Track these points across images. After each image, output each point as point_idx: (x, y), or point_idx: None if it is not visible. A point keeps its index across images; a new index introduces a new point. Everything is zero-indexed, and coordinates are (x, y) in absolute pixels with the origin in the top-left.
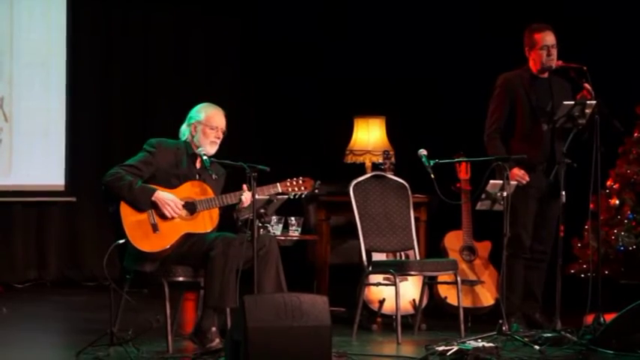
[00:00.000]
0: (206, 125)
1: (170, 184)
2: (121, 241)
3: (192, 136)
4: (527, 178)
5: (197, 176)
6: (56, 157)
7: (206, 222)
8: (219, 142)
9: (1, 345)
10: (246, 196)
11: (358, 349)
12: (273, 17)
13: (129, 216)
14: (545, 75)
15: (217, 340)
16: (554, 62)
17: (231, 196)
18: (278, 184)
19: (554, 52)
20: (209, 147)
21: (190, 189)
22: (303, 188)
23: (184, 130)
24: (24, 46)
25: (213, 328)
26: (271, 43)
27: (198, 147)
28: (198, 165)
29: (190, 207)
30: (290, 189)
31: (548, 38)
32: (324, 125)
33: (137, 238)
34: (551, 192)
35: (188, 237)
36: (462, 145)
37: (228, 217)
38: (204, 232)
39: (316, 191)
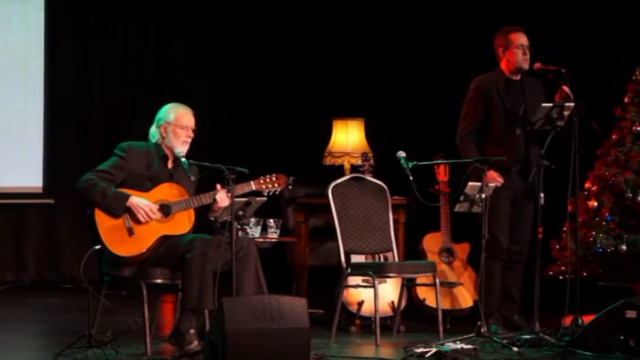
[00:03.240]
0: (176, 125)
1: (143, 187)
2: (98, 247)
3: (163, 138)
4: (501, 180)
5: (170, 177)
6: (34, 159)
7: (184, 222)
8: (190, 141)
9: None
10: (221, 196)
11: (337, 351)
12: (252, 19)
13: (104, 221)
14: (518, 77)
15: (196, 343)
16: (528, 63)
17: (206, 196)
18: (252, 182)
19: (529, 53)
20: (181, 147)
21: (164, 191)
22: (276, 185)
23: (154, 132)
24: (2, 49)
25: (192, 330)
26: (249, 46)
27: (170, 148)
28: (170, 166)
29: (165, 209)
30: (264, 186)
31: (523, 38)
32: (303, 127)
33: (113, 243)
34: (526, 194)
35: (165, 239)
36: (441, 148)
37: (204, 218)
38: (180, 234)
39: (290, 187)
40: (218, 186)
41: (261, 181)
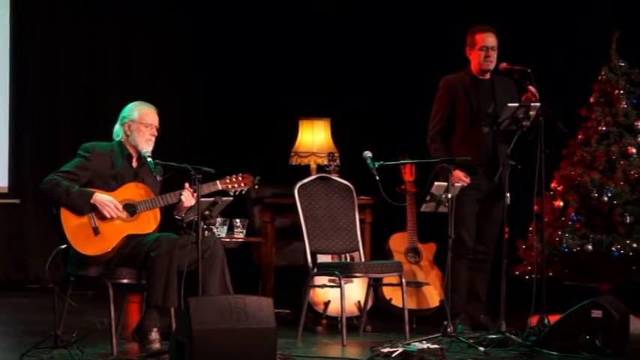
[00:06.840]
0: (141, 123)
1: (108, 187)
2: (63, 247)
3: (127, 136)
4: (468, 180)
5: (135, 176)
6: (0, 159)
7: (150, 221)
8: (153, 139)
9: None
10: (186, 195)
11: (303, 350)
12: (217, 19)
13: (70, 220)
14: (487, 76)
15: (157, 344)
16: (492, 65)
17: (171, 195)
18: (218, 182)
19: (494, 54)
20: (145, 145)
21: (130, 190)
22: (242, 184)
23: (118, 130)
24: None
25: (155, 329)
26: (214, 45)
27: (134, 146)
28: (134, 165)
29: (130, 208)
30: (230, 186)
31: (489, 40)
32: (269, 127)
33: (79, 243)
34: (493, 194)
35: (130, 238)
36: (407, 147)
37: (169, 217)
38: (146, 233)
39: (256, 187)
40: (186, 184)
41: (227, 180)
